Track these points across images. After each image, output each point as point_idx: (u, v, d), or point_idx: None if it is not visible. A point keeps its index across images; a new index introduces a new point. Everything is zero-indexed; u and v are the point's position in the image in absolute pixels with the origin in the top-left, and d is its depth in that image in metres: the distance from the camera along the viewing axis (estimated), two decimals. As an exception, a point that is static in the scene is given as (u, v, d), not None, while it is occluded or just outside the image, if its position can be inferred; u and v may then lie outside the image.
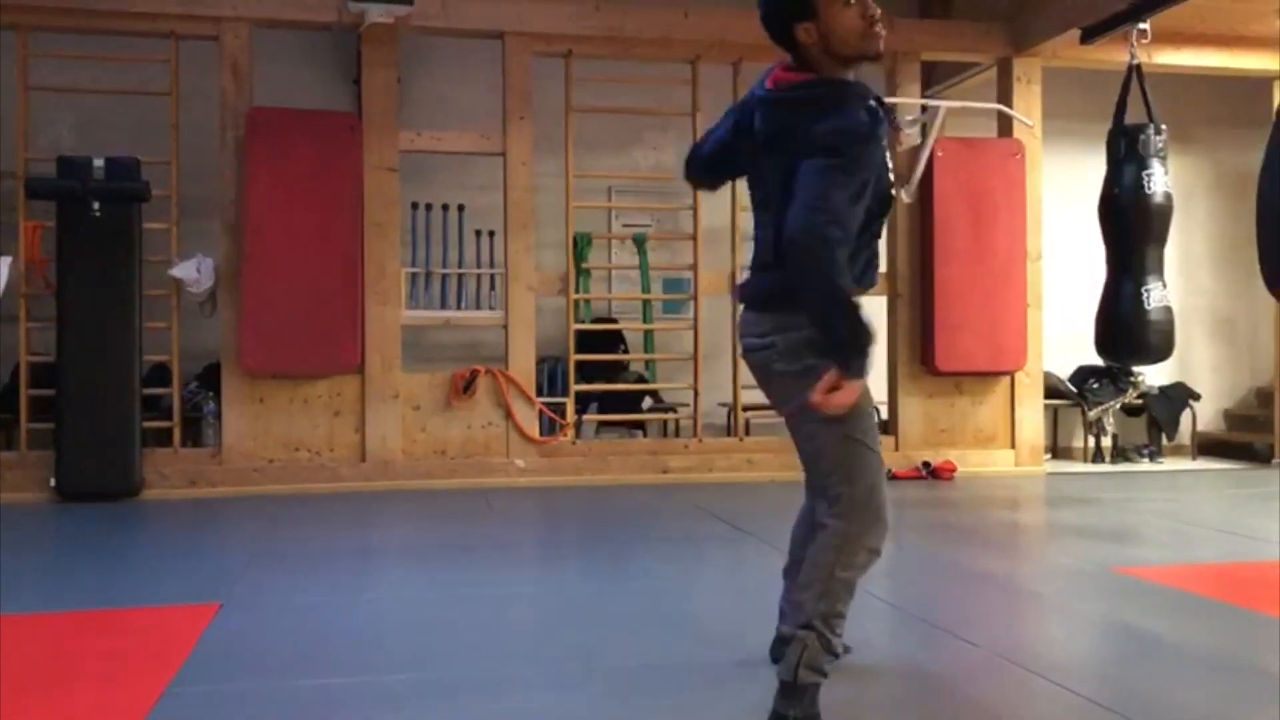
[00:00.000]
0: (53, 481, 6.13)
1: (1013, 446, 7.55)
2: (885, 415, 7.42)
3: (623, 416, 7.65)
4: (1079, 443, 8.52)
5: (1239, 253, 7.92)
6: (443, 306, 7.61)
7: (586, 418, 7.47)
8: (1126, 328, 6.30)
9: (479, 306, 7.71)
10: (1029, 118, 7.43)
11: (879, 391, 7.48)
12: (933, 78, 8.16)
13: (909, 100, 7.32)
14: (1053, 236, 7.72)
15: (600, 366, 7.63)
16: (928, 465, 7.23)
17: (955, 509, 6.03)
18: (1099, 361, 7.49)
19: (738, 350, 7.28)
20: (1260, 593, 3.97)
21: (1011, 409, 7.56)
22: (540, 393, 7.15)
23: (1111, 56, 6.81)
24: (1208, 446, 8.65)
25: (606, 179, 7.93)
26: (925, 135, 7.14)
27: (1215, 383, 9.02)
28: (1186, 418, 8.51)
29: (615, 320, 8.21)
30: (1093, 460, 8.27)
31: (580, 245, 7.46)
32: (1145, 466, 8.15)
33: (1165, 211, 6.27)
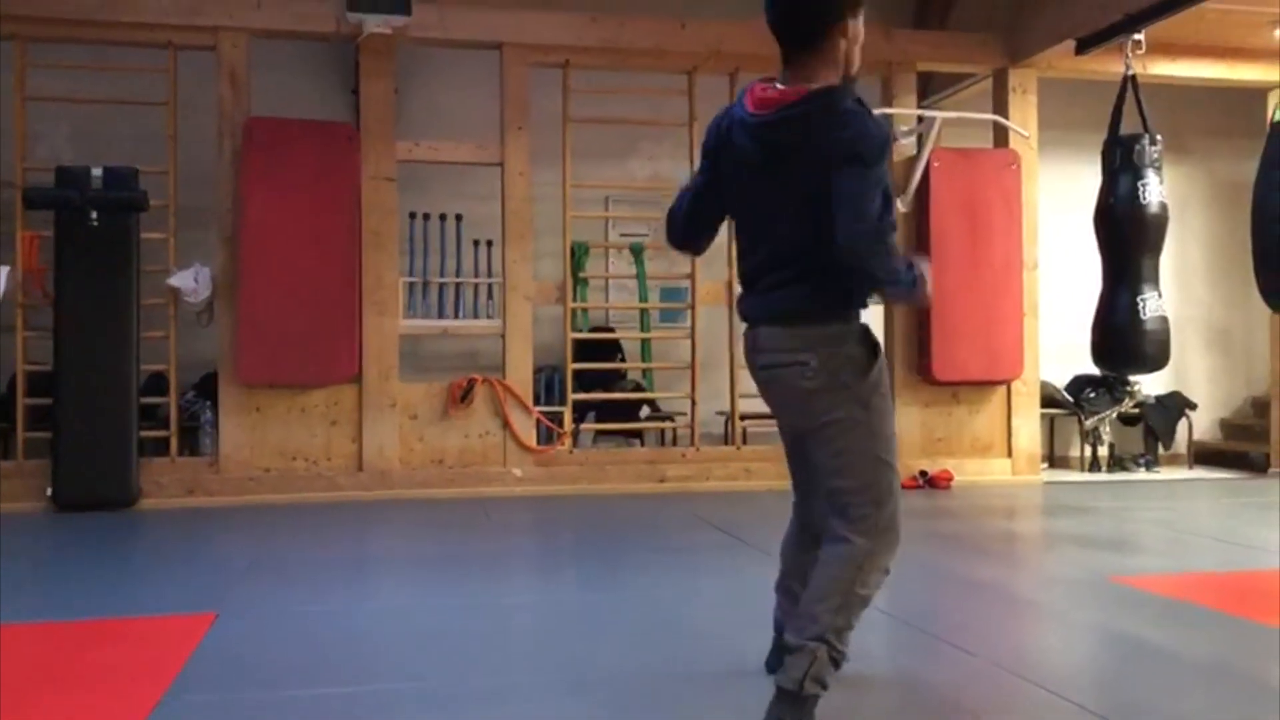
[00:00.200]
0: (49, 491, 6.12)
1: (1009, 455, 7.56)
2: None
3: (620, 425, 7.66)
4: (1076, 452, 8.52)
5: (1235, 263, 7.95)
6: (440, 316, 7.61)
7: (584, 427, 7.47)
8: (1123, 337, 6.32)
9: (476, 316, 7.71)
10: (1025, 128, 7.46)
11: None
12: (929, 88, 8.20)
13: (905, 111, 7.34)
14: (1049, 246, 7.74)
15: (598, 375, 7.65)
16: (925, 474, 7.23)
17: (952, 518, 6.03)
18: (1095, 371, 7.51)
19: (735, 359, 7.33)
20: (1258, 602, 3.97)
21: (1008, 418, 7.57)
22: (538, 402, 7.15)
23: (1107, 67, 6.83)
24: (1204, 456, 8.66)
25: (603, 189, 7.95)
26: (921, 145, 7.17)
27: (1211, 392, 9.03)
28: (1183, 427, 8.52)
29: (613, 329, 8.22)
30: (1089, 469, 8.27)
31: (577, 254, 7.47)
32: (1142, 475, 8.15)
33: (1161, 221, 6.30)
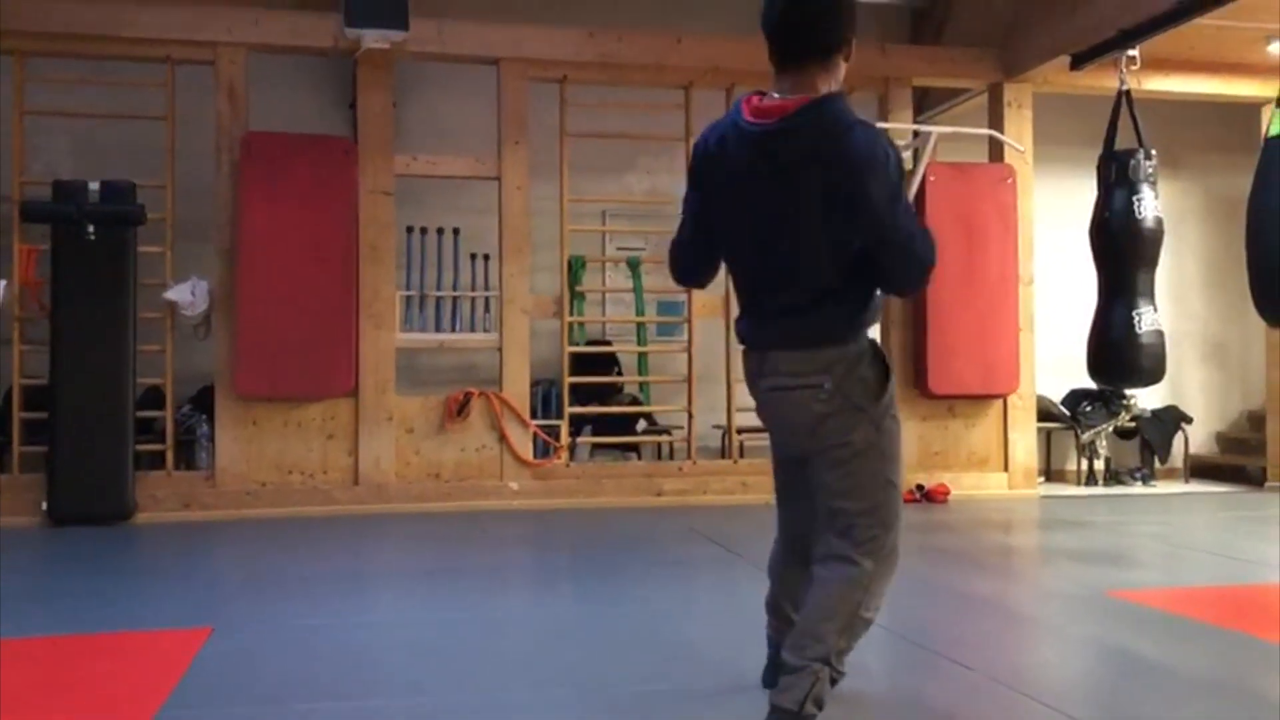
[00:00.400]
0: (44, 505, 6.11)
1: (1006, 469, 7.56)
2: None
3: (617, 439, 7.65)
4: (1072, 465, 8.52)
5: (1230, 277, 7.96)
6: (437, 329, 7.60)
7: (581, 440, 7.47)
8: (1119, 351, 6.32)
9: (473, 329, 7.70)
10: (1020, 143, 7.48)
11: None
12: (924, 103, 8.23)
13: (901, 125, 7.37)
14: (1044, 260, 7.76)
15: (594, 389, 7.64)
16: (921, 488, 7.23)
17: (949, 532, 6.03)
18: (1091, 384, 7.52)
19: (732, 372, 7.33)
20: (1255, 616, 3.97)
21: (1004, 432, 7.58)
22: (534, 415, 7.14)
23: (1101, 82, 6.86)
24: (1200, 470, 8.66)
25: (601, 203, 7.95)
26: (917, 160, 7.19)
27: (1207, 406, 9.04)
28: (1179, 441, 8.54)
29: (609, 343, 8.22)
30: (1086, 483, 8.27)
31: (574, 268, 7.48)
32: (1138, 489, 8.16)
33: (1156, 236, 6.31)
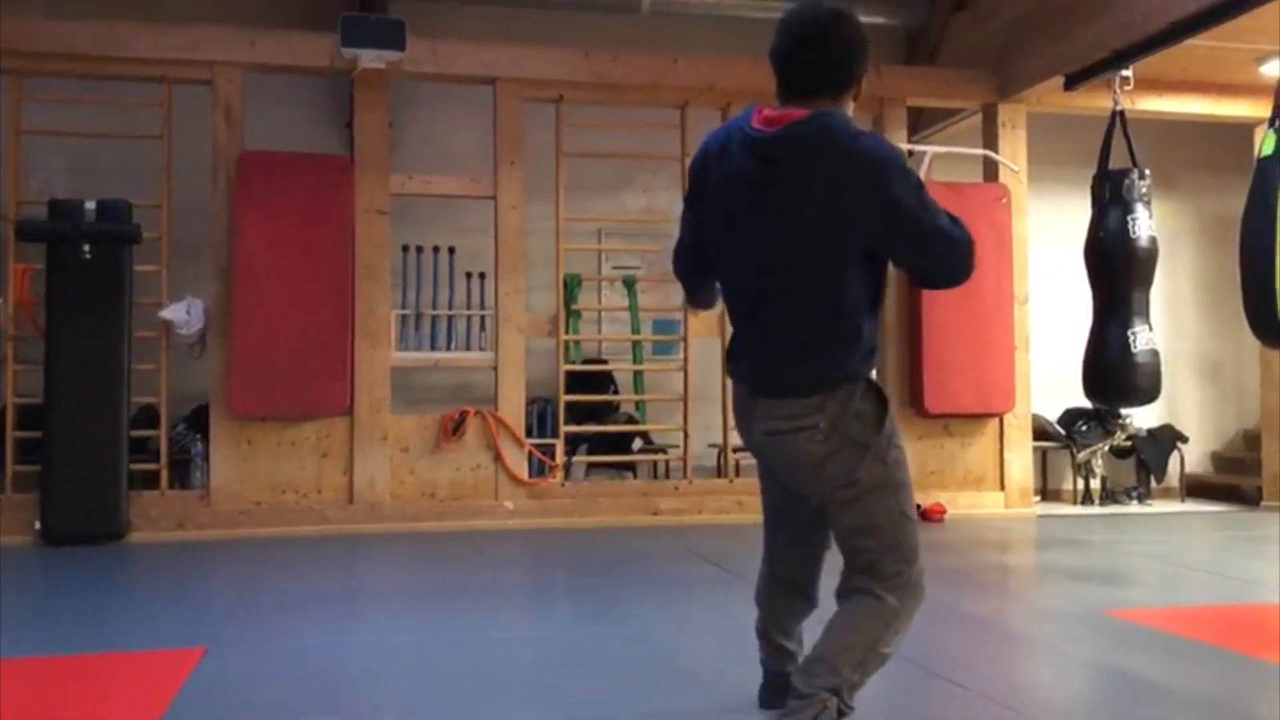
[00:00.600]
0: (38, 524, 6.08)
1: (1002, 488, 7.56)
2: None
3: (612, 458, 7.64)
4: (1068, 485, 8.52)
5: (1224, 296, 7.98)
6: (432, 348, 7.60)
7: (576, 459, 7.45)
8: (1114, 370, 6.33)
9: (469, 348, 7.70)
10: (1014, 162, 7.51)
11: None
12: (919, 123, 8.26)
13: (896, 146, 7.39)
14: (1039, 280, 7.77)
15: (590, 408, 7.63)
16: (918, 507, 7.18)
17: (946, 551, 6.01)
18: (1087, 404, 7.52)
19: (728, 392, 7.31)
20: (1252, 636, 3.97)
21: (1000, 451, 7.57)
22: (530, 434, 7.13)
23: (1095, 102, 6.89)
24: (1196, 489, 8.66)
25: (596, 222, 7.97)
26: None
27: (1203, 425, 9.05)
28: (1175, 460, 8.54)
29: (605, 361, 8.21)
30: (1082, 502, 8.26)
31: (570, 287, 7.48)
32: (1134, 509, 8.15)
33: (1150, 255, 6.33)
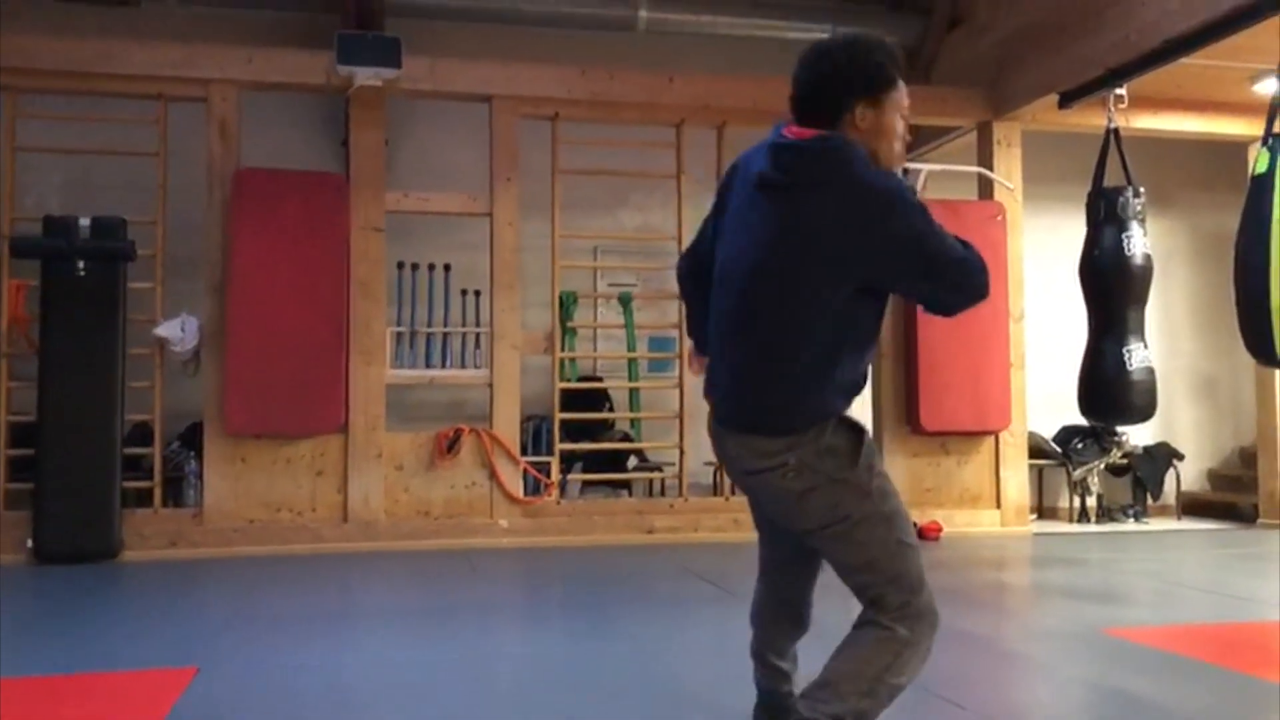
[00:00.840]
0: (30, 543, 6.05)
1: (998, 506, 7.55)
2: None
3: (608, 476, 7.62)
4: (1064, 503, 8.51)
5: (1219, 314, 8.00)
6: (428, 365, 7.60)
7: (571, 477, 7.43)
8: (1109, 388, 6.33)
9: (464, 365, 7.70)
10: (1009, 180, 7.54)
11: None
12: (914, 141, 8.26)
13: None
14: (1035, 297, 7.78)
15: (585, 425, 7.62)
16: (914, 526, 7.19)
17: (942, 570, 5.99)
18: (1083, 421, 7.52)
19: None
20: (1249, 655, 3.95)
21: (996, 469, 7.56)
22: (525, 452, 7.11)
23: (1089, 120, 6.92)
24: (1192, 507, 8.65)
25: (592, 239, 7.98)
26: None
27: (1199, 442, 9.05)
28: (1171, 478, 8.53)
29: (600, 379, 8.21)
30: (1078, 520, 8.25)
31: (566, 304, 7.48)
32: (1131, 526, 8.14)
33: (1145, 273, 6.34)
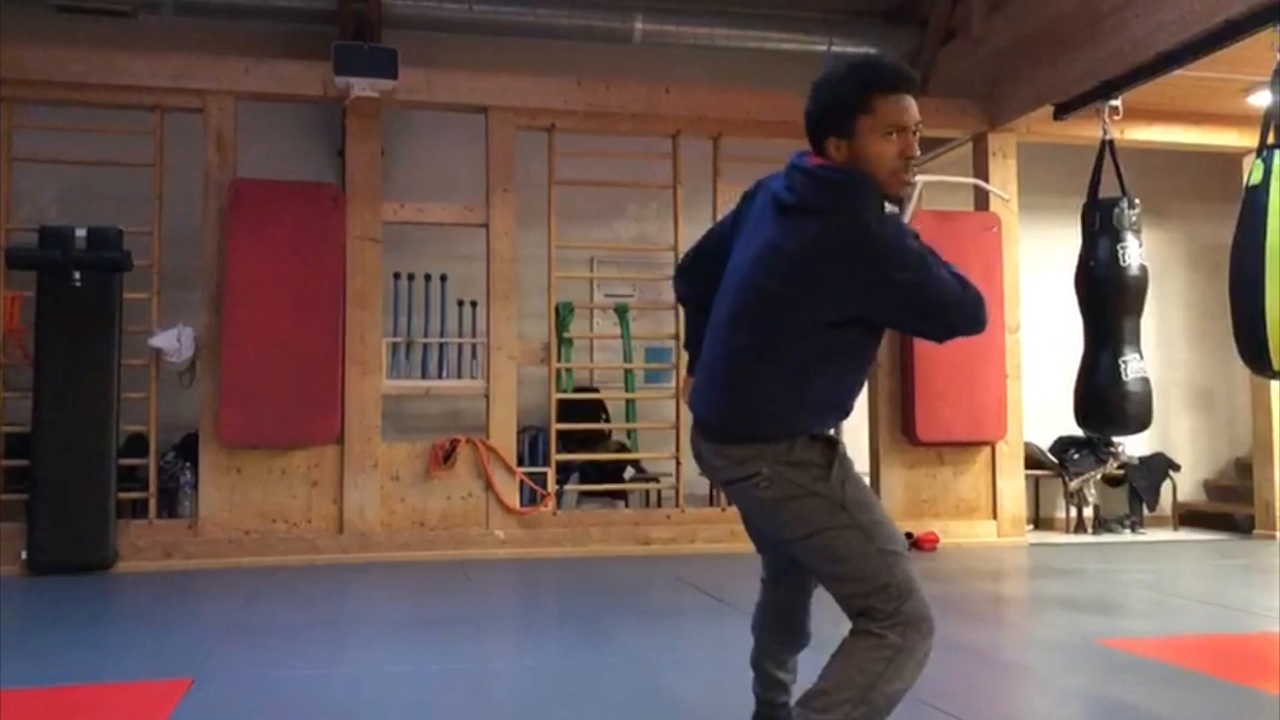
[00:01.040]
0: (24, 554, 6.03)
1: (994, 517, 7.54)
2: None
3: (604, 486, 7.61)
4: (1060, 513, 8.51)
5: (1214, 324, 8.01)
6: (424, 376, 7.60)
7: (568, 488, 7.42)
8: (1105, 399, 6.33)
9: (460, 376, 7.69)
10: (1005, 191, 7.55)
11: (861, 460, 7.48)
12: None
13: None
14: (1030, 308, 7.79)
15: (582, 436, 7.61)
16: (910, 536, 7.19)
17: (938, 580, 5.98)
18: (1079, 432, 7.52)
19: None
20: (1245, 665, 3.95)
21: (993, 479, 7.56)
22: (521, 462, 7.11)
23: (1085, 132, 6.93)
24: (1188, 517, 8.65)
25: (589, 249, 7.99)
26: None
27: (1195, 453, 9.06)
28: (1167, 488, 8.53)
29: (597, 389, 8.21)
30: (1074, 531, 8.25)
31: (562, 315, 7.49)
32: (1127, 537, 8.14)
33: (1141, 284, 6.35)
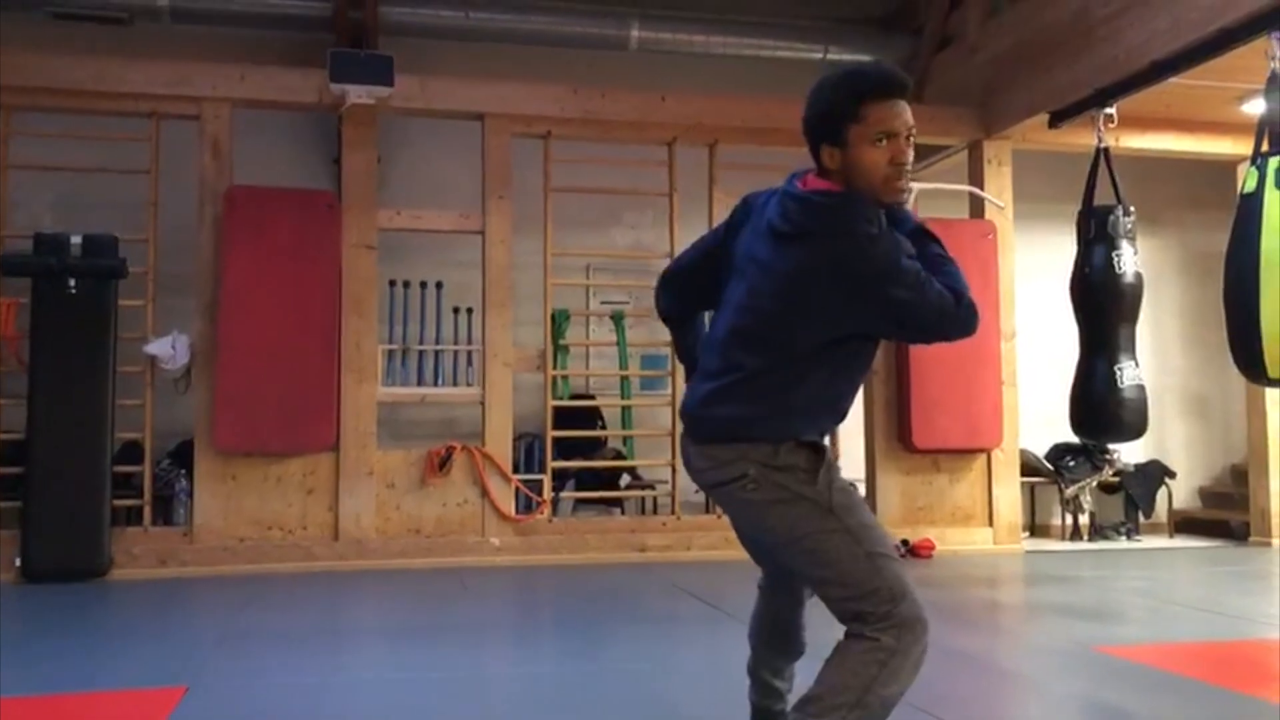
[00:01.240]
0: (18, 561, 6.00)
1: (990, 524, 7.54)
2: (863, 492, 7.40)
3: (600, 494, 7.61)
4: (1056, 520, 8.51)
5: (1209, 332, 8.02)
6: (419, 383, 7.59)
7: (564, 495, 7.42)
8: (1101, 406, 6.33)
9: (456, 383, 7.68)
10: (1000, 199, 7.56)
11: (857, 468, 7.48)
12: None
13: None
14: (1026, 315, 7.81)
15: (578, 443, 7.61)
16: (906, 543, 7.19)
17: (934, 587, 5.98)
18: (1075, 439, 7.53)
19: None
20: (1240, 672, 3.96)
21: (989, 487, 7.56)
22: (517, 470, 7.09)
23: (1080, 140, 6.95)
24: (1184, 524, 8.66)
25: (584, 256, 7.99)
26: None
27: (1190, 460, 9.06)
28: (1162, 495, 8.54)
29: (593, 397, 8.21)
30: (1070, 538, 8.25)
31: (558, 322, 7.49)
32: (1123, 544, 8.14)
33: (1136, 291, 6.36)
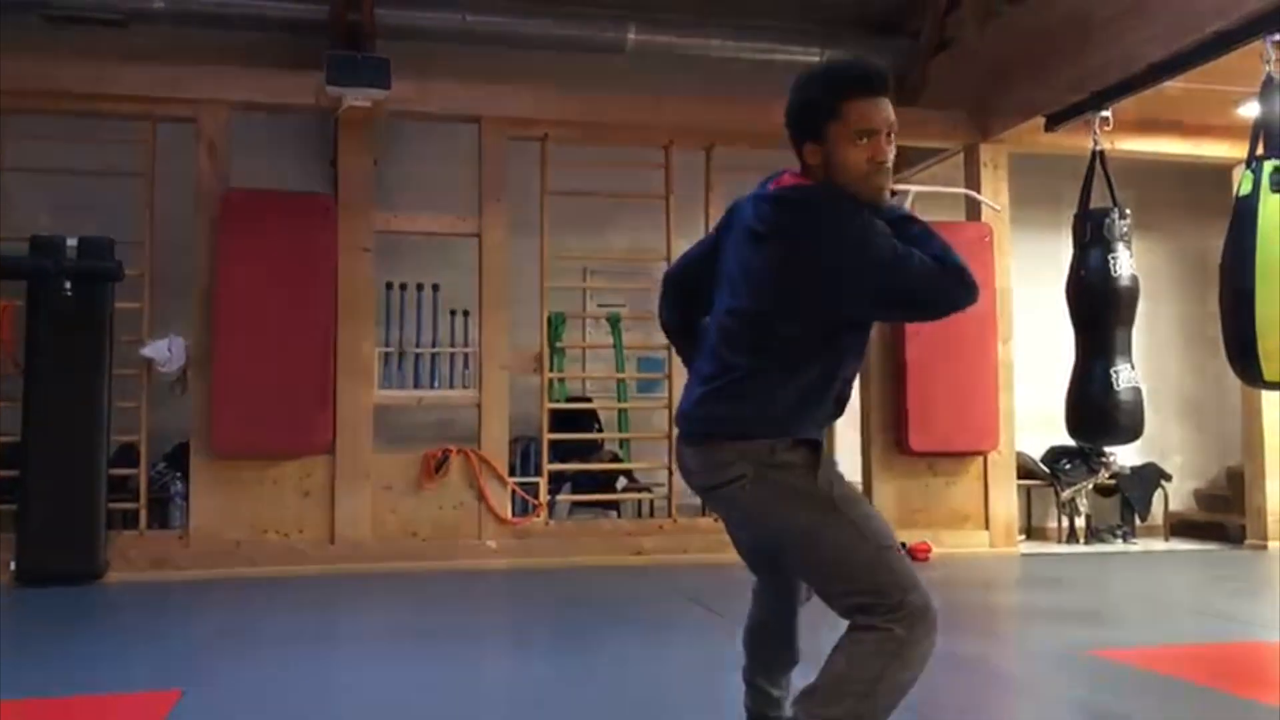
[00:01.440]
0: (13, 564, 5.99)
1: (987, 527, 7.54)
2: (859, 496, 7.40)
3: (597, 496, 7.61)
4: (1053, 523, 8.52)
5: (1205, 335, 8.04)
6: (416, 386, 7.59)
7: (560, 498, 7.41)
8: (1097, 409, 6.34)
9: (452, 386, 7.68)
10: (996, 202, 7.57)
11: (854, 471, 7.48)
12: (901, 163, 8.31)
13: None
14: (1022, 318, 7.81)
15: (574, 446, 7.60)
16: (903, 546, 7.16)
17: (931, 590, 5.99)
18: (1071, 442, 7.53)
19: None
20: (1237, 675, 3.96)
21: (985, 489, 7.56)
22: (513, 472, 7.09)
23: (1076, 143, 6.95)
24: (1180, 527, 8.67)
25: (581, 259, 7.99)
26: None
27: (1186, 463, 9.06)
28: (1159, 498, 8.55)
29: (589, 399, 8.20)
30: (1066, 541, 8.26)
31: (554, 324, 7.48)
32: (1119, 547, 8.15)
33: (1132, 294, 6.37)
